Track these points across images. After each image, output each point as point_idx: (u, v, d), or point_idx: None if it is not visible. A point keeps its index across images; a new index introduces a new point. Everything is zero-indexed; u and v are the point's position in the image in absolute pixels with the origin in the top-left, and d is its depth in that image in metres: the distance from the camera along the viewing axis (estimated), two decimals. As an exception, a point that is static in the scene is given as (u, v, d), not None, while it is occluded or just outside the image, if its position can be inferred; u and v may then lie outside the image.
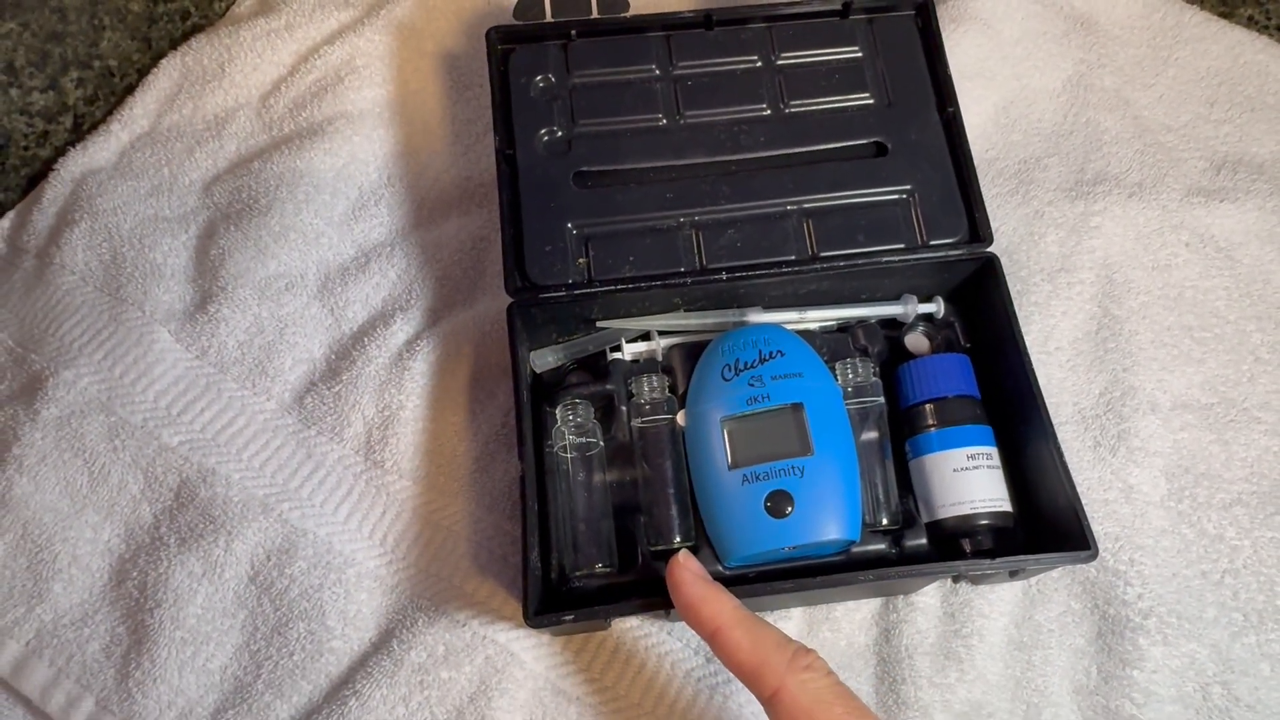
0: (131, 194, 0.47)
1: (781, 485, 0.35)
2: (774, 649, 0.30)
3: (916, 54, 0.43)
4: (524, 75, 0.42)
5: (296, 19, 0.52)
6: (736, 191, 0.41)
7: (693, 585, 0.32)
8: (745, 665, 0.30)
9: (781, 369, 0.37)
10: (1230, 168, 0.48)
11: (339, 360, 0.42)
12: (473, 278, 0.45)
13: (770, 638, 0.30)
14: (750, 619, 0.31)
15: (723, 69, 0.43)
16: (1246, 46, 0.51)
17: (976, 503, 0.36)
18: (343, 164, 0.47)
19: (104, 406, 0.41)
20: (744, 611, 0.31)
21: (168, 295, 0.44)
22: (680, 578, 0.32)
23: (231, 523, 0.39)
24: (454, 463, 0.41)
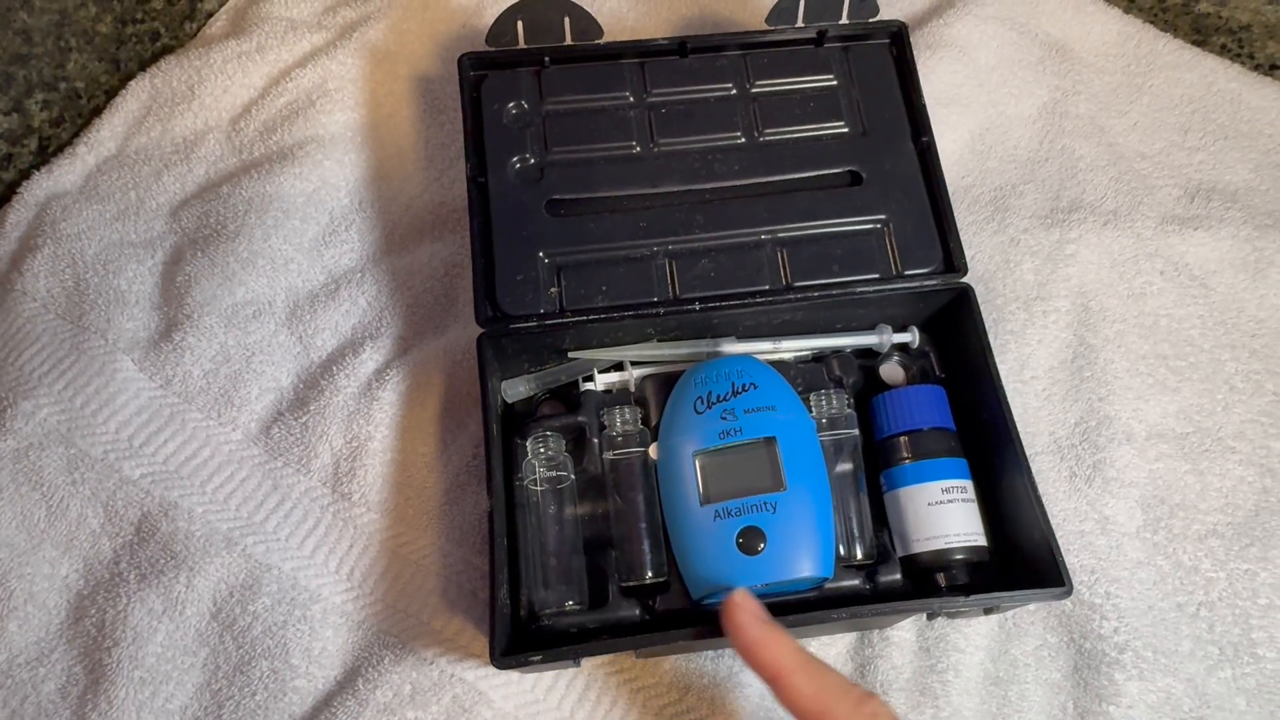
0: (97, 218, 0.46)
1: (754, 521, 0.34)
2: (838, 695, 0.29)
3: (891, 83, 0.43)
4: (497, 102, 0.42)
5: (268, 41, 0.51)
6: (710, 220, 0.40)
7: (751, 628, 0.31)
8: (809, 712, 0.29)
9: (754, 402, 0.36)
10: (1204, 195, 0.48)
11: (307, 390, 0.42)
12: (444, 305, 0.44)
13: (834, 683, 0.30)
14: (811, 662, 0.30)
15: (697, 97, 0.42)
16: (1219, 75, 0.51)
17: (951, 537, 0.36)
18: (313, 189, 0.46)
19: (64, 438, 0.40)
20: (804, 654, 0.30)
21: (132, 323, 0.43)
22: (739, 620, 0.31)
23: (194, 558, 0.38)
24: (423, 495, 0.40)
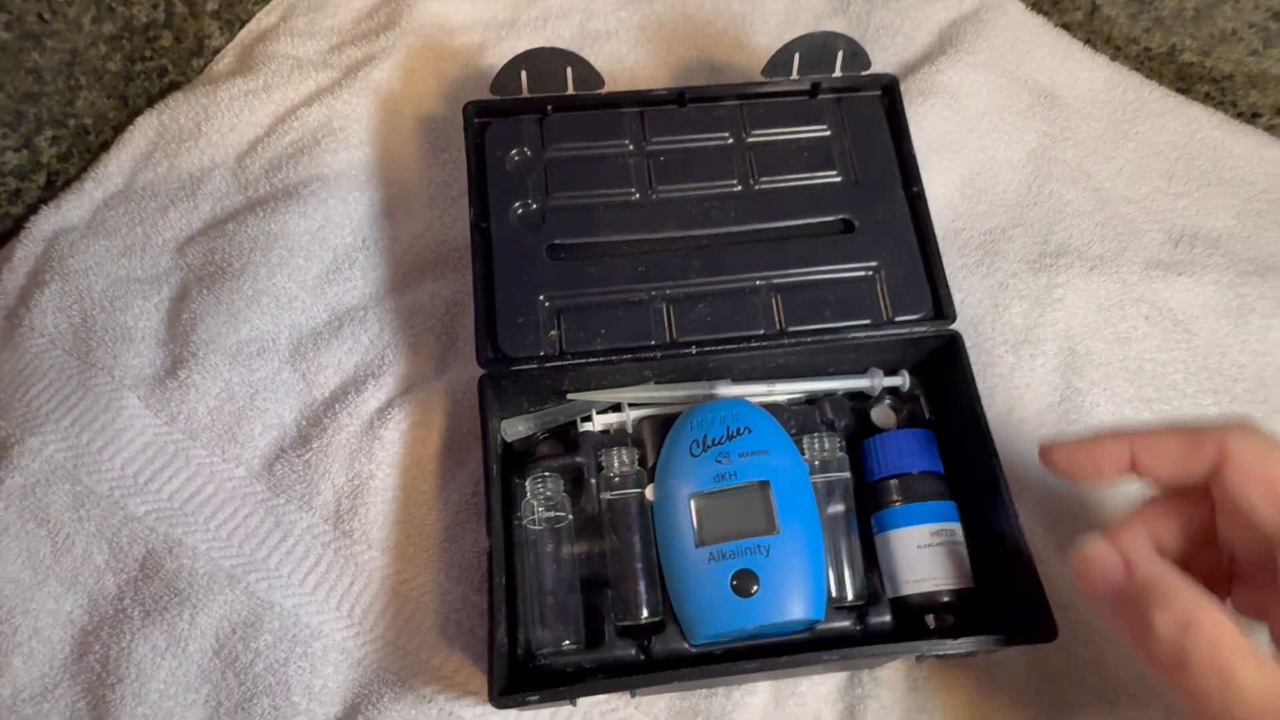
0: (104, 254, 0.47)
1: (747, 564, 0.35)
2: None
3: (883, 133, 0.44)
4: (500, 148, 0.43)
5: (274, 80, 0.52)
6: (707, 266, 0.41)
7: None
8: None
9: (749, 446, 0.37)
10: (1188, 241, 0.49)
11: (310, 427, 0.42)
12: (445, 343, 0.45)
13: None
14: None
15: (694, 145, 0.44)
16: (1203, 123, 0.52)
17: (939, 579, 0.37)
18: (318, 227, 0.47)
19: (70, 475, 0.40)
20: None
21: (138, 360, 0.44)
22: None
23: (197, 595, 0.38)
24: (423, 532, 0.41)
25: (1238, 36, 0.51)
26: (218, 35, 0.55)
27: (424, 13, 0.55)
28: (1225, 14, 0.50)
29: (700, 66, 0.55)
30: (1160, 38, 0.53)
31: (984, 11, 0.54)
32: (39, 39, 0.46)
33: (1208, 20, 0.51)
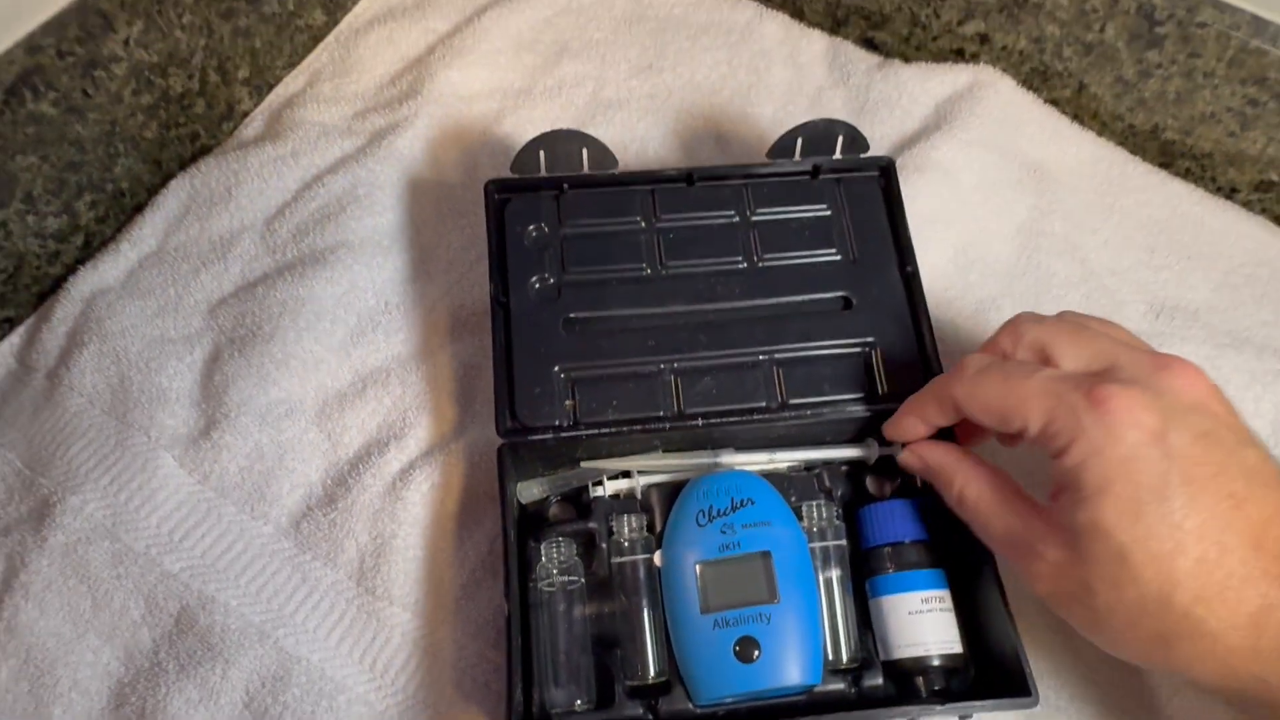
0: (139, 314, 0.49)
1: (749, 631, 0.37)
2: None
3: (880, 213, 0.47)
4: (519, 224, 0.45)
5: (302, 146, 0.55)
6: (713, 340, 0.44)
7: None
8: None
9: (751, 517, 0.39)
10: (1168, 313, 0.52)
11: (335, 486, 0.45)
12: (463, 405, 0.48)
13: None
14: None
15: (702, 223, 0.46)
16: (1184, 198, 0.55)
17: (930, 645, 0.39)
18: (343, 291, 0.50)
19: (109, 533, 0.43)
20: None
21: (172, 420, 0.46)
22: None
23: (229, 650, 0.41)
24: (441, 589, 0.43)
25: (1216, 119, 0.54)
26: (247, 100, 0.58)
27: (444, 81, 0.58)
28: (1205, 98, 0.53)
29: (707, 135, 0.58)
30: (1144, 116, 0.56)
31: (977, 88, 0.57)
32: (82, 112, 0.48)
33: (1188, 103, 0.54)
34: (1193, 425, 0.31)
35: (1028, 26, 0.56)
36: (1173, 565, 0.30)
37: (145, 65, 0.50)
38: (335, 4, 0.61)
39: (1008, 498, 0.36)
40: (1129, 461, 0.31)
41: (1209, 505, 0.30)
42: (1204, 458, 0.31)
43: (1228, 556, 0.30)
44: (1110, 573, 0.31)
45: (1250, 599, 0.30)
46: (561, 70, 0.59)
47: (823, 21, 0.64)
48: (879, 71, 0.59)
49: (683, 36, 0.61)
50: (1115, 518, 0.31)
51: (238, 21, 0.55)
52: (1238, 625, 0.30)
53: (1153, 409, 0.31)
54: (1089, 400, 0.32)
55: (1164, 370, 0.33)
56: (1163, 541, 0.30)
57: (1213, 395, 0.33)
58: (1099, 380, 0.32)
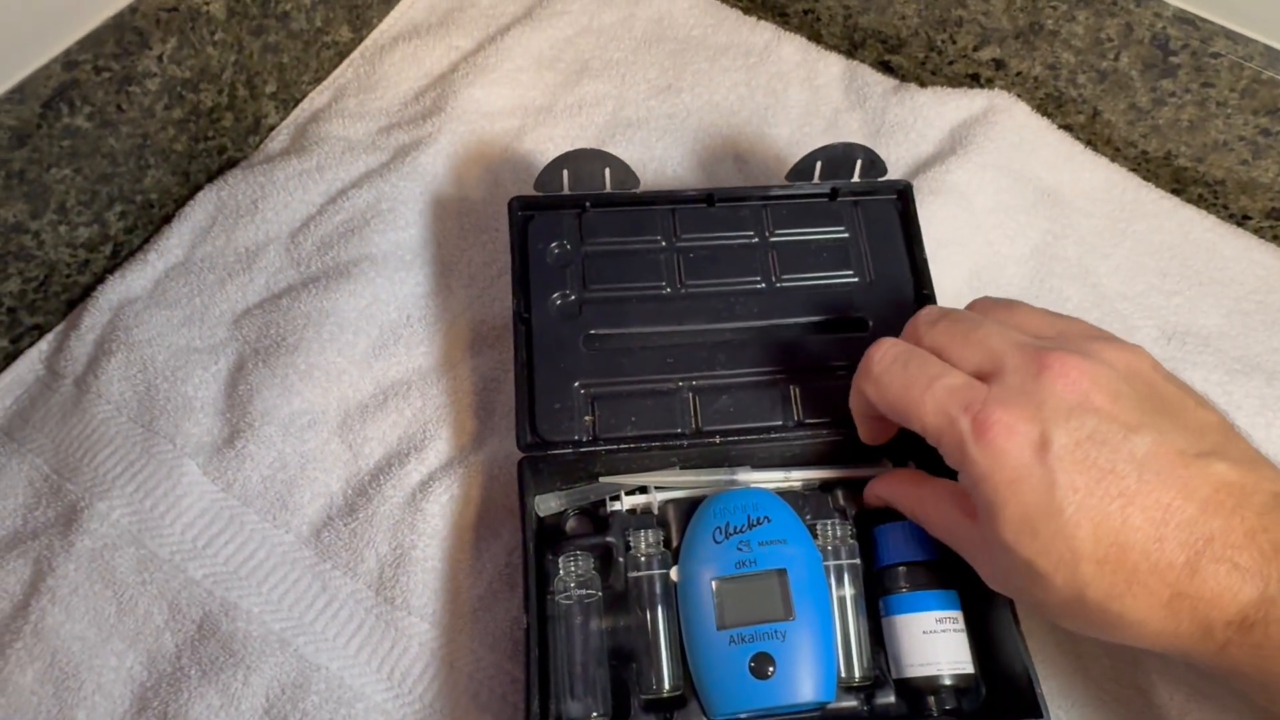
0: (165, 324, 0.50)
1: (764, 647, 0.38)
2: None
3: (897, 236, 0.47)
4: (542, 241, 0.46)
5: (327, 161, 0.56)
6: (731, 359, 0.44)
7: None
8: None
9: (767, 535, 0.40)
10: (1180, 338, 0.52)
11: (356, 496, 0.46)
12: (482, 418, 0.48)
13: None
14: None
15: (722, 243, 0.47)
16: (1196, 224, 0.56)
17: (942, 664, 0.40)
18: (366, 304, 0.51)
19: (134, 539, 0.44)
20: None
21: (197, 429, 0.47)
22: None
23: (250, 657, 0.41)
24: (458, 600, 0.44)
25: (1229, 147, 0.54)
26: (274, 114, 0.59)
27: (467, 98, 0.59)
28: (1218, 127, 0.54)
29: (725, 155, 0.59)
30: (1157, 143, 0.57)
31: (992, 113, 0.58)
32: (115, 126, 0.49)
33: (1201, 131, 0.55)
34: (1074, 429, 0.32)
35: (1043, 53, 0.57)
36: (1077, 572, 0.31)
37: (177, 81, 0.51)
38: (361, 21, 0.62)
39: (951, 515, 0.37)
40: (1014, 483, 0.32)
41: (1098, 509, 0.31)
42: (1088, 461, 0.31)
43: (1129, 554, 0.30)
44: (1028, 581, 0.33)
45: (1159, 590, 0.30)
46: (582, 89, 0.60)
47: (840, 45, 0.65)
48: (895, 95, 0.60)
49: (702, 58, 0.62)
50: (1014, 536, 0.32)
51: (267, 38, 0.56)
52: (1155, 615, 0.31)
53: (1031, 420, 0.32)
54: (974, 429, 0.33)
55: (1044, 373, 0.33)
56: (1061, 553, 0.31)
57: (1096, 388, 0.33)
58: (983, 404, 0.33)
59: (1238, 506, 0.30)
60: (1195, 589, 0.30)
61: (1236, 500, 0.31)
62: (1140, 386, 0.34)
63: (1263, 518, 0.30)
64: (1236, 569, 0.30)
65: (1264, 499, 0.31)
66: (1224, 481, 0.31)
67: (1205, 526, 0.30)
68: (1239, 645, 0.30)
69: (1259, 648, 0.30)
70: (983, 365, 0.35)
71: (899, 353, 0.37)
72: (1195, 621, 0.30)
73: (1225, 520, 0.30)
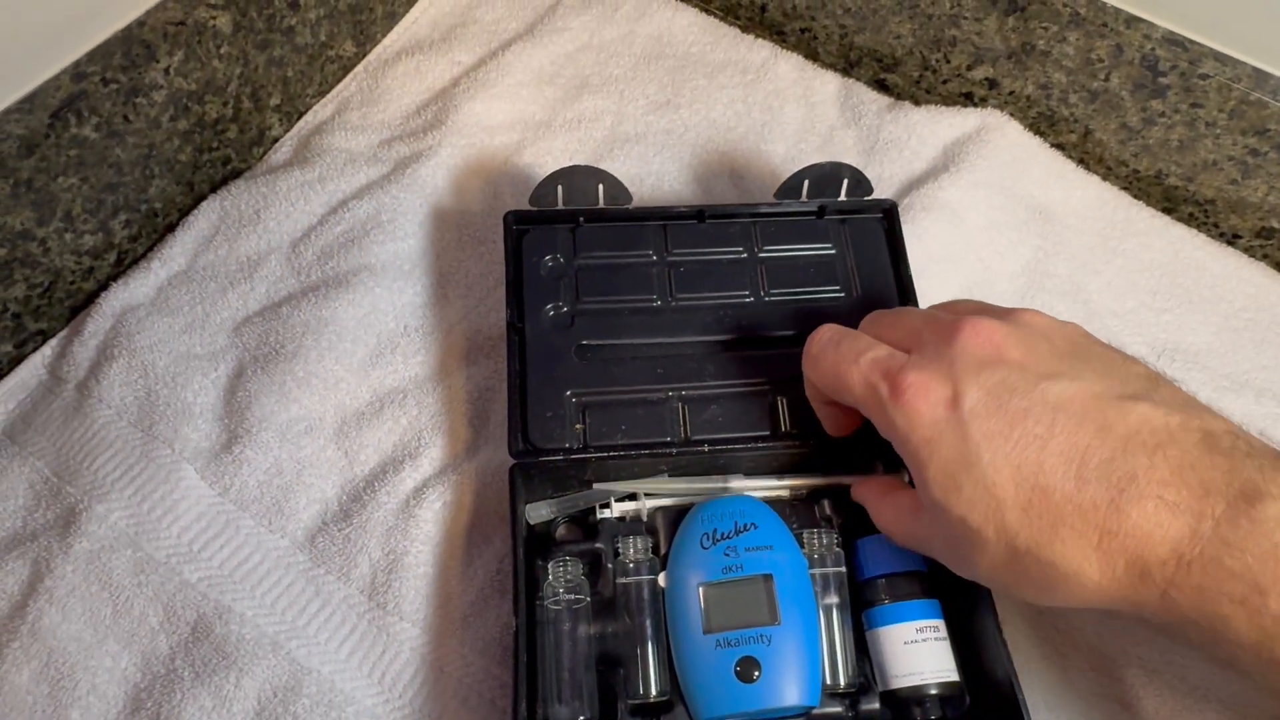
0: (167, 331, 0.51)
1: (750, 652, 0.38)
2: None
3: (882, 253, 0.48)
4: (536, 254, 0.47)
5: (329, 172, 0.57)
6: (720, 370, 0.45)
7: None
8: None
9: (754, 541, 0.41)
10: (1169, 355, 0.53)
11: (351, 503, 0.46)
12: (476, 427, 0.49)
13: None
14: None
15: (711, 258, 0.48)
16: (1186, 243, 0.56)
17: (926, 674, 0.40)
18: (364, 313, 0.51)
19: (132, 541, 0.44)
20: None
21: (196, 434, 0.47)
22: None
23: (243, 659, 0.42)
24: (449, 606, 0.44)
25: (1218, 167, 0.55)
26: (277, 126, 0.60)
27: (468, 112, 0.60)
28: (1207, 146, 0.55)
29: (721, 170, 0.59)
30: (1148, 162, 0.58)
31: (985, 132, 0.59)
32: (122, 136, 0.51)
33: (1191, 151, 0.55)
34: (984, 381, 0.32)
35: (1035, 73, 0.58)
36: (1003, 520, 0.31)
37: (183, 93, 0.52)
38: (365, 36, 0.63)
39: (909, 510, 0.38)
40: (931, 441, 0.33)
41: (1014, 454, 0.31)
42: (1000, 409, 0.31)
43: (1050, 497, 0.30)
44: (968, 543, 0.33)
45: (1086, 532, 0.30)
46: (581, 104, 0.61)
47: (836, 63, 0.66)
48: (889, 113, 0.60)
49: (700, 75, 0.63)
50: (941, 494, 0.33)
51: (272, 52, 0.57)
52: (1088, 560, 0.30)
53: (944, 378, 0.33)
54: (890, 393, 0.34)
55: (956, 334, 0.34)
56: (986, 502, 0.31)
57: (1008, 342, 0.33)
58: (898, 368, 0.34)
59: (1162, 445, 0.30)
60: (1122, 526, 0.29)
61: (1161, 439, 0.30)
62: (1060, 342, 0.34)
63: (1190, 456, 0.30)
64: (1164, 504, 0.29)
65: (1192, 438, 0.30)
66: (1146, 421, 0.30)
67: (1127, 464, 0.30)
68: (1180, 589, 0.29)
69: (1201, 590, 0.29)
70: (904, 340, 0.36)
71: (833, 334, 0.39)
72: (1130, 564, 0.30)
73: (1149, 458, 0.30)
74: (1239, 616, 0.29)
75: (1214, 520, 0.29)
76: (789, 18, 0.66)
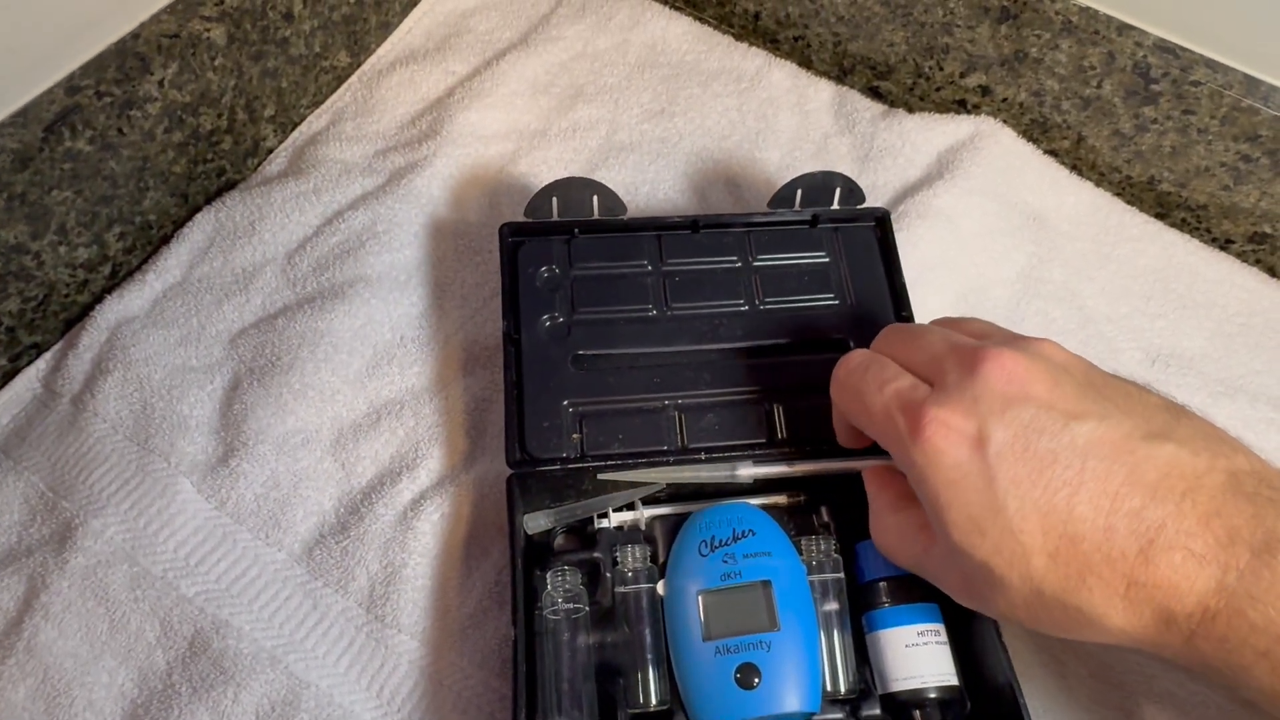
0: (162, 343, 0.51)
1: (750, 658, 0.38)
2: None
3: (876, 261, 0.48)
4: (531, 266, 0.47)
5: (324, 183, 0.57)
6: (716, 378, 0.45)
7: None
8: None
9: (752, 548, 0.41)
10: (1164, 360, 0.53)
11: (348, 515, 0.46)
12: (473, 438, 0.49)
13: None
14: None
15: (706, 267, 0.48)
16: (1179, 248, 0.57)
17: (926, 677, 0.40)
18: (360, 324, 0.51)
19: (128, 556, 0.44)
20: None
21: (192, 447, 0.47)
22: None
23: (241, 674, 0.42)
24: (448, 618, 0.44)
25: (1211, 173, 0.55)
26: (272, 137, 0.60)
27: (463, 122, 0.60)
28: (1199, 153, 0.55)
29: (716, 178, 0.60)
30: (1140, 168, 0.58)
31: (979, 139, 0.59)
32: (116, 149, 0.51)
33: (1183, 157, 0.56)
34: (1011, 421, 0.31)
35: (1028, 80, 0.58)
36: (1030, 568, 0.30)
37: (178, 105, 0.52)
38: (359, 46, 0.63)
39: (915, 535, 0.36)
40: (955, 484, 0.31)
41: (1043, 501, 0.30)
42: (1027, 452, 0.30)
43: (1079, 545, 0.30)
44: (988, 585, 0.32)
45: (1115, 581, 0.30)
46: (576, 113, 0.61)
47: (829, 71, 0.66)
48: (883, 120, 0.61)
49: (694, 83, 0.63)
50: (964, 538, 0.31)
51: (266, 63, 0.57)
52: (1115, 607, 0.30)
53: (967, 415, 0.31)
54: (909, 427, 0.33)
55: (979, 367, 0.32)
56: (1012, 549, 0.30)
57: (1032, 377, 0.32)
58: (919, 403, 0.33)
59: (1189, 491, 0.30)
60: (1151, 578, 0.29)
61: (1188, 484, 0.30)
62: (1079, 376, 0.33)
63: (1216, 501, 0.29)
64: (1192, 556, 0.29)
65: (1218, 480, 0.30)
66: (1174, 464, 0.30)
67: (1156, 513, 0.29)
68: (1204, 638, 0.29)
69: (1224, 640, 0.29)
70: (927, 368, 0.35)
71: (862, 360, 0.37)
72: (1156, 612, 0.29)
73: (1176, 506, 0.29)
74: (1262, 667, 0.29)
75: (1239, 572, 0.29)
76: (782, 26, 0.66)
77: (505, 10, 0.67)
